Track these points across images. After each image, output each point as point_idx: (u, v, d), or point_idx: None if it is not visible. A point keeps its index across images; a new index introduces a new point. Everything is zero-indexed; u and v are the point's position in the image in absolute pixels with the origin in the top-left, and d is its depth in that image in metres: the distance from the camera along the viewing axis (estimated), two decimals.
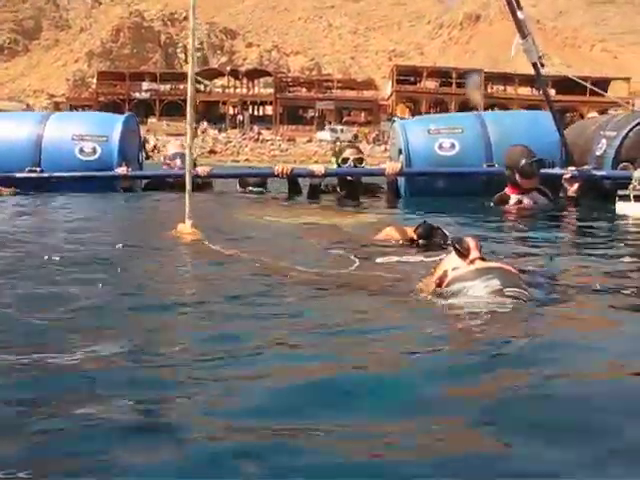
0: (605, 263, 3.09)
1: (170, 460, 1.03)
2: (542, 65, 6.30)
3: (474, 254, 1.97)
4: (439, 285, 2.01)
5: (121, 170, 6.38)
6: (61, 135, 6.64)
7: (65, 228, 3.84)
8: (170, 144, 7.40)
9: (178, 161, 6.54)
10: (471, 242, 2.01)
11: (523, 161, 5.53)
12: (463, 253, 1.99)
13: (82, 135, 6.63)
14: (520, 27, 5.98)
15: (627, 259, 3.27)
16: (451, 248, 2.06)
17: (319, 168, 6.30)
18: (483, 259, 1.98)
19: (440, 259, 2.18)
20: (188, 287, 2.41)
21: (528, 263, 2.94)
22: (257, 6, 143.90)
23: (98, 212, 5.04)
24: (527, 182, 5.61)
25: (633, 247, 3.82)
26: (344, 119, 62.36)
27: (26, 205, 5.30)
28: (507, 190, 5.72)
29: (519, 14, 5.98)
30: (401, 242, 3.11)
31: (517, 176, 5.59)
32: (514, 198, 5.64)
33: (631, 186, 5.47)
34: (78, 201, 5.57)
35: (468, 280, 1.90)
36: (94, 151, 6.53)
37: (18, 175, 6.22)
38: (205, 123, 56.46)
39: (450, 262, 2.03)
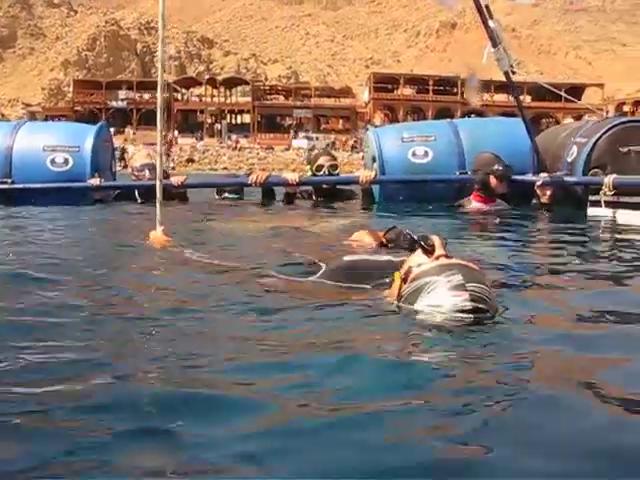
0: (572, 265, 3.15)
1: (170, 461, 1.05)
2: (513, 73, 6.36)
3: (439, 251, 2.02)
4: (404, 281, 2.05)
5: (94, 181, 6.28)
6: (32, 146, 6.52)
7: (35, 239, 3.79)
8: (137, 154, 7.07)
9: (147, 172, 6.39)
10: (436, 240, 2.06)
11: (496, 165, 5.66)
12: (428, 250, 2.04)
13: (54, 146, 6.51)
14: (491, 36, 6.03)
15: (596, 261, 3.32)
16: (417, 247, 2.10)
17: (293, 176, 6.30)
18: (447, 256, 2.02)
19: (404, 259, 2.21)
20: (163, 291, 2.41)
21: (493, 262, 3.00)
22: (234, 15, 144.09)
23: (70, 223, 4.98)
24: (501, 186, 5.71)
25: (603, 250, 3.86)
26: (322, 127, 62.59)
27: None
28: (472, 197, 5.81)
29: (490, 23, 6.03)
30: (371, 245, 3.14)
31: (492, 179, 5.67)
32: (476, 205, 5.74)
33: (602, 192, 5.54)
34: (49, 212, 5.49)
35: (431, 275, 1.94)
36: (66, 162, 6.43)
37: None
38: (176, 132, 56.24)
39: (415, 259, 2.08)
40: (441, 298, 1.89)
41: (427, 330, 1.81)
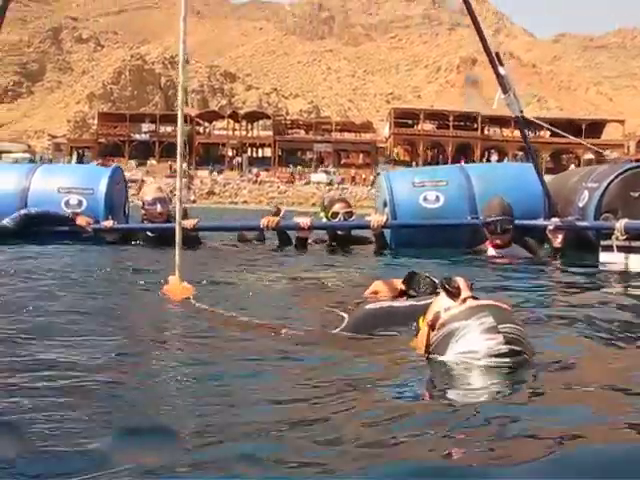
0: (590, 308, 3.16)
1: (169, 461, 1.08)
2: (523, 119, 6.43)
3: (465, 293, 1.94)
4: (432, 327, 1.95)
5: (107, 223, 6.27)
6: (47, 188, 6.60)
7: (47, 285, 3.76)
8: (147, 187, 6.89)
9: (158, 206, 6.31)
10: (461, 282, 1.98)
11: (490, 219, 5.66)
12: (453, 293, 1.96)
13: (68, 188, 6.59)
14: (502, 82, 6.13)
15: (611, 306, 3.34)
16: (441, 290, 2.03)
17: (305, 221, 6.30)
18: (475, 298, 1.95)
19: (429, 303, 2.12)
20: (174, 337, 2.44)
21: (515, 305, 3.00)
22: (257, 50, 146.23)
23: (83, 268, 4.98)
24: (495, 238, 5.70)
25: (617, 295, 3.87)
26: (342, 161, 62.88)
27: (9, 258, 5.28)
28: (487, 243, 5.80)
29: (500, 70, 6.13)
30: (390, 295, 3.06)
31: (485, 231, 5.72)
32: (491, 251, 5.72)
33: (614, 236, 5.54)
34: (64, 254, 5.52)
35: (462, 320, 1.86)
36: (80, 204, 6.48)
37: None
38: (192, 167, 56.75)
39: (441, 303, 1.99)
40: (474, 344, 1.81)
41: (462, 381, 1.77)
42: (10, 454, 1.12)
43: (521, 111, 6.29)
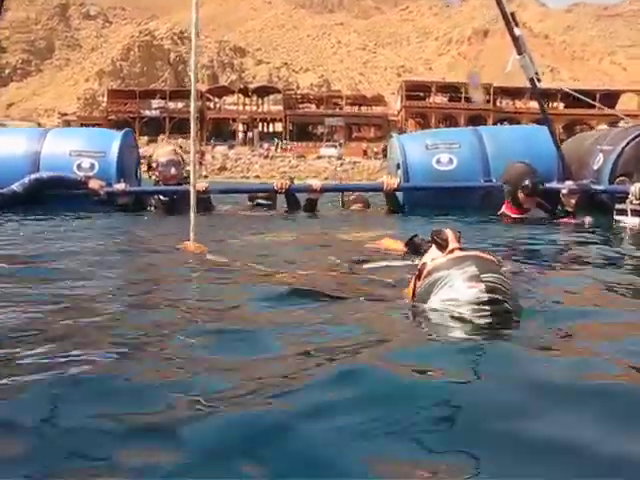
0: (595, 272, 3.12)
1: (168, 461, 1.06)
2: (539, 80, 6.36)
3: (452, 244, 1.97)
4: (419, 277, 2.01)
5: (119, 186, 6.28)
6: (59, 151, 6.60)
7: (69, 250, 3.77)
8: (161, 150, 6.75)
9: (172, 169, 6.31)
10: (449, 233, 2.01)
11: (527, 181, 5.51)
12: (442, 244, 2.00)
13: (80, 151, 6.59)
14: (517, 43, 6.06)
15: (620, 269, 3.32)
16: (431, 242, 2.07)
17: (317, 183, 6.34)
18: (462, 249, 1.97)
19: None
20: (192, 296, 2.45)
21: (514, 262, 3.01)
22: (266, 24, 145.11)
23: (98, 232, 5.02)
24: (529, 200, 5.60)
25: (627, 258, 3.83)
26: (353, 135, 62.60)
27: (22, 221, 5.29)
28: (505, 209, 5.72)
29: (516, 31, 6.06)
30: (399, 253, 3.19)
31: (520, 195, 5.57)
32: (510, 214, 5.67)
33: (628, 200, 5.49)
34: (78, 221, 5.52)
35: (446, 269, 1.89)
36: (92, 167, 6.48)
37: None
38: (212, 141, 56.87)
39: (429, 254, 2.05)
40: (455, 291, 1.84)
41: (441, 327, 1.81)
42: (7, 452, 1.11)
43: (536, 73, 6.22)
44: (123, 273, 3.00)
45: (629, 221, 5.45)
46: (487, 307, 1.80)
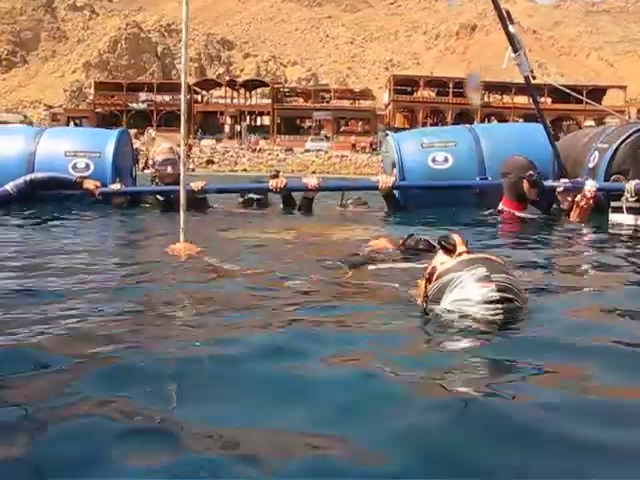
0: (594, 269, 3.17)
1: (168, 462, 1.07)
2: (534, 78, 6.34)
3: (460, 248, 2.04)
4: (429, 280, 2.07)
5: (115, 186, 6.23)
6: (54, 151, 6.54)
7: (59, 249, 3.74)
8: (159, 147, 6.73)
9: (169, 168, 6.26)
10: (457, 237, 2.08)
11: (531, 170, 5.51)
12: (449, 249, 2.05)
13: (75, 151, 6.53)
14: (512, 41, 6.02)
15: (617, 268, 3.31)
16: (438, 247, 2.13)
17: (312, 182, 6.26)
18: (469, 252, 2.05)
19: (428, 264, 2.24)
20: (186, 299, 2.43)
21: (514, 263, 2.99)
22: (254, 17, 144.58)
23: (90, 231, 4.96)
24: (533, 192, 5.57)
25: (624, 257, 3.83)
26: (341, 129, 62.58)
27: (16, 222, 5.24)
28: (504, 204, 5.67)
29: (510, 28, 6.02)
30: (391, 249, 3.23)
31: (525, 183, 5.53)
32: (509, 211, 5.64)
33: (624, 198, 5.48)
34: (71, 221, 5.46)
35: (456, 271, 1.95)
36: (87, 167, 6.42)
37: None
38: (199, 134, 56.55)
39: (438, 259, 2.10)
40: (467, 292, 1.91)
41: (455, 328, 1.86)
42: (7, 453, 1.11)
43: (531, 70, 6.19)
44: (110, 277, 2.91)
45: (624, 219, 5.45)
46: (499, 305, 1.88)
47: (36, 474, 1.04)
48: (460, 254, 2.02)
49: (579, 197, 5.51)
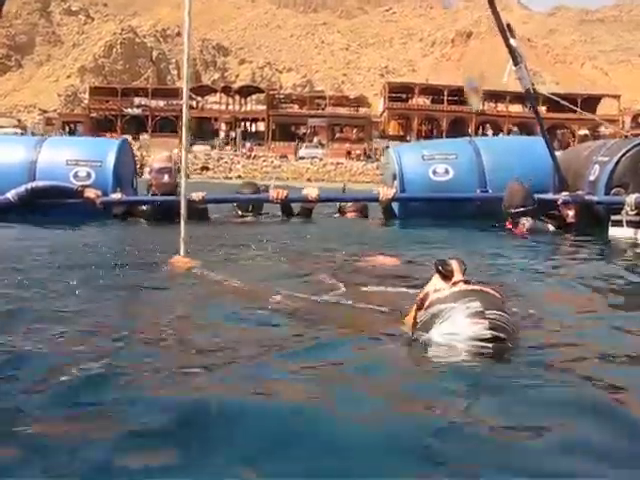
0: (595, 289, 3.10)
1: (168, 462, 1.08)
2: (534, 91, 6.36)
3: (457, 276, 1.95)
4: (420, 307, 1.98)
5: (115, 196, 6.22)
6: (55, 160, 6.53)
7: (59, 260, 3.72)
8: (158, 156, 6.79)
9: (165, 177, 6.23)
10: (455, 264, 1.99)
11: (520, 208, 5.58)
12: (446, 275, 1.97)
13: (77, 160, 6.52)
14: (513, 54, 6.03)
15: (619, 285, 3.28)
16: (435, 271, 2.03)
17: (313, 193, 6.25)
18: (467, 282, 1.95)
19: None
20: (184, 314, 2.43)
21: (512, 288, 2.93)
22: (250, 23, 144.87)
23: (88, 240, 4.93)
24: (522, 225, 5.62)
25: (625, 272, 3.81)
26: (336, 135, 62.63)
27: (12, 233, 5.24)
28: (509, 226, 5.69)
29: (512, 42, 6.04)
30: (387, 265, 3.20)
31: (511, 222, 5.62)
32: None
33: (624, 211, 5.49)
34: (71, 230, 5.45)
35: (449, 302, 1.87)
36: (88, 176, 6.42)
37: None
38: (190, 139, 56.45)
39: (433, 284, 2.01)
40: (458, 326, 1.82)
41: (440, 361, 1.79)
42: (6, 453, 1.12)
43: (532, 84, 6.21)
44: (106, 289, 2.88)
45: (623, 233, 5.45)
46: (489, 344, 1.79)
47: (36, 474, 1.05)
48: (456, 283, 1.93)
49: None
